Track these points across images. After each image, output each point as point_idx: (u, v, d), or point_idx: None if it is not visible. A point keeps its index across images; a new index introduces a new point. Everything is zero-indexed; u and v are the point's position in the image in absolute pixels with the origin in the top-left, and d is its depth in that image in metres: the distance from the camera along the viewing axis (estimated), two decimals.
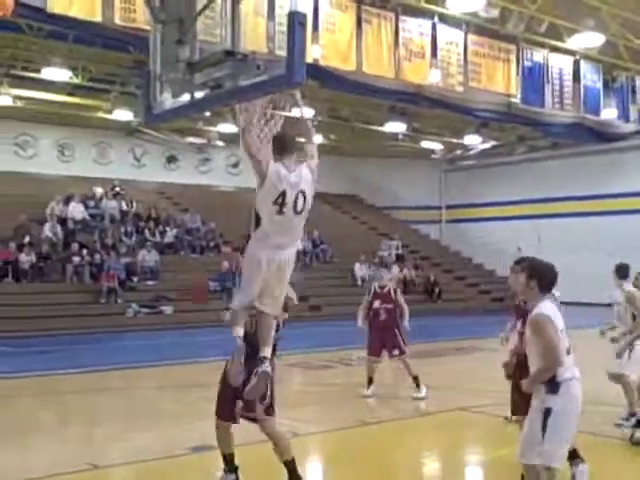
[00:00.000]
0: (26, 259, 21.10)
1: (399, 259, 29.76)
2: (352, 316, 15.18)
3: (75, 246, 22.25)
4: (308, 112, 25.56)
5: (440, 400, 10.61)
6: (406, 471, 7.50)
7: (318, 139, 30.62)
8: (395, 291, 11.30)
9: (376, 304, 10.94)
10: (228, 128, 27.86)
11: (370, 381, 10.75)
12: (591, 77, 19.59)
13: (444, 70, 18.62)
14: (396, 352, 10.76)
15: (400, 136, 30.33)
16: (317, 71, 16.78)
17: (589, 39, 19.03)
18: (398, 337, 10.86)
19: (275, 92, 7.40)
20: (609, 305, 9.33)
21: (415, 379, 10.62)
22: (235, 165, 33.57)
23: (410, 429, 9.07)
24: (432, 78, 18.65)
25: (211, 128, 29.11)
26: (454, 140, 31.63)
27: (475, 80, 19.04)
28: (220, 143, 30.71)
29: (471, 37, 19.01)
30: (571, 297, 20.80)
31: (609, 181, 30.73)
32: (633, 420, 8.30)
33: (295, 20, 7.51)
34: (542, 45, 20.01)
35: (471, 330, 22.07)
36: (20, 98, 24.31)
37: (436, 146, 33.38)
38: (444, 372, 13.84)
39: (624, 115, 20.39)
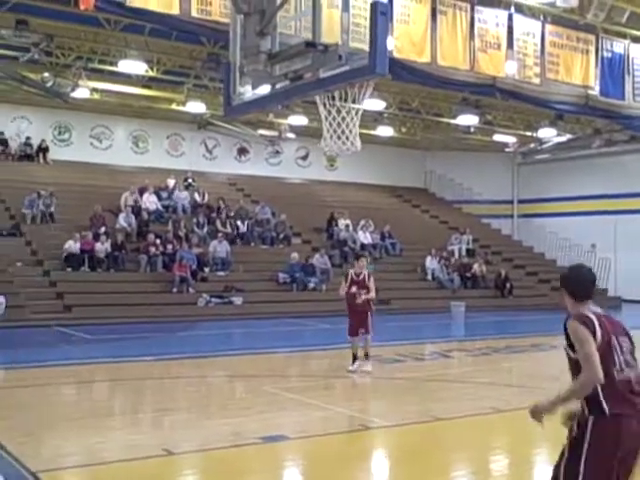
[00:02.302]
0: (102, 248, 21.53)
1: (469, 254, 29.39)
2: (422, 310, 15.03)
3: (150, 237, 22.61)
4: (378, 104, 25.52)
5: (514, 397, 10.42)
6: (476, 468, 7.36)
7: (388, 131, 30.51)
8: (369, 277, 12.24)
9: (353, 289, 12.01)
10: (299, 120, 27.92)
11: (354, 358, 11.97)
12: None
13: (520, 61, 18.25)
14: (362, 330, 11.97)
15: (472, 129, 29.91)
16: (391, 63, 16.60)
17: None
18: (369, 319, 12.03)
19: (357, 82, 7.38)
20: None
21: (366, 355, 12.06)
22: (305, 157, 33.66)
23: (483, 426, 8.90)
24: (508, 70, 18.30)
25: (282, 120, 29.22)
26: (528, 133, 31.05)
27: (552, 72, 18.61)
28: (291, 135, 30.81)
29: (549, 27, 18.56)
30: None
31: None
32: None
33: (377, 10, 7.47)
34: (623, 35, 19.45)
35: (544, 327, 21.66)
36: (97, 90, 24.83)
37: (509, 139, 32.81)
38: (519, 369, 13.63)
39: None
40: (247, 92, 8.40)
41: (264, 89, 8.48)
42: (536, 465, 7.57)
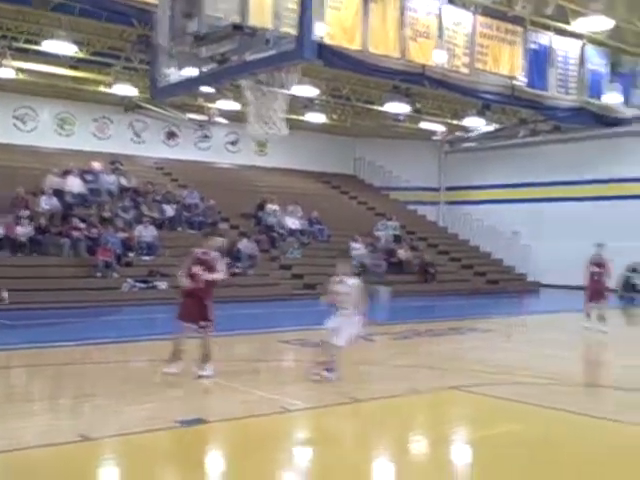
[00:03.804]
0: (23, 232, 20.99)
1: (396, 240, 29.73)
2: None
3: (73, 220, 22.14)
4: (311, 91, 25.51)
5: (433, 379, 10.64)
6: (394, 448, 7.50)
7: (319, 118, 30.53)
8: (218, 260, 10.62)
9: (195, 269, 10.26)
10: (229, 105, 27.69)
11: (176, 355, 10.10)
12: (597, 61, 19.46)
13: (450, 51, 18.48)
14: (200, 322, 10.23)
15: (401, 117, 30.17)
16: (322, 49, 16.63)
17: (596, 23, 18.84)
18: (209, 307, 10.40)
19: (284, 66, 7.35)
20: None
21: (205, 357, 10.22)
22: (234, 142, 33.44)
23: (401, 407, 9.07)
24: (437, 59, 18.51)
25: (211, 105, 28.93)
26: (455, 122, 31.51)
27: (481, 62, 18.91)
28: (220, 120, 30.54)
29: (479, 18, 18.84)
30: (569, 281, 20.97)
31: (610, 166, 30.68)
32: None
33: None
34: (548, 28, 19.85)
35: (466, 311, 22.18)
36: (22, 70, 24.09)
37: (437, 127, 33.23)
38: (438, 351, 13.88)
39: (628, 100, 20.29)
40: (174, 74, 8.32)
41: (191, 71, 8.40)
42: (453, 444, 7.72)
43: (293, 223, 27.70)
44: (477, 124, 31.36)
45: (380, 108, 28.52)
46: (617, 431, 8.01)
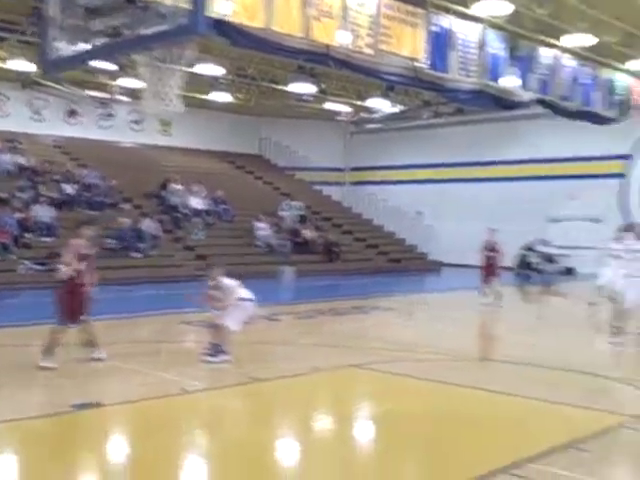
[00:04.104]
0: None
1: (301, 220, 29.82)
2: (252, 275, 15.06)
3: None
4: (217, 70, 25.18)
5: (335, 357, 10.74)
6: (293, 425, 7.54)
7: (225, 97, 30.19)
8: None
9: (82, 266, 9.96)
10: (131, 83, 27.06)
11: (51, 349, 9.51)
12: (496, 45, 19.81)
13: (354, 32, 18.46)
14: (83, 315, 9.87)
15: (306, 97, 30.13)
16: (225, 28, 16.36)
17: (495, 7, 19.19)
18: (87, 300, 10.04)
19: (179, 41, 7.18)
20: None
21: (90, 343, 9.87)
22: (138, 121, 32.74)
23: (301, 385, 9.13)
24: (341, 39, 18.47)
25: (113, 82, 28.20)
26: (360, 103, 31.70)
27: (384, 43, 18.94)
28: (123, 98, 29.82)
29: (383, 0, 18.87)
30: (469, 261, 21.50)
31: (508, 148, 31.60)
32: None
33: None
34: (448, 11, 20.09)
35: (369, 290, 22.47)
36: None
37: (342, 108, 33.37)
38: (341, 330, 14.02)
39: (525, 84, 20.78)
40: (65, 47, 8.03)
41: (83, 45, 8.13)
42: (351, 421, 7.81)
43: (197, 203, 27.39)
44: (381, 105, 31.62)
45: (285, 88, 28.41)
46: (507, 403, 8.27)
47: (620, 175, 29.31)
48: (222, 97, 30.14)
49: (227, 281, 10.42)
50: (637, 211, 28.49)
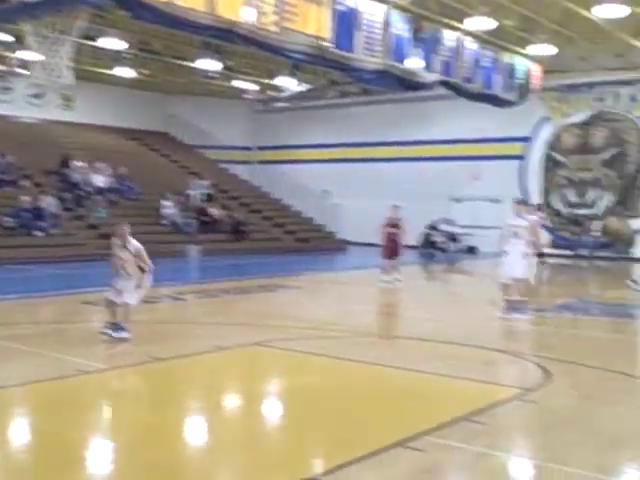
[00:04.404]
0: None
1: (208, 198, 29.57)
2: (158, 254, 14.95)
3: None
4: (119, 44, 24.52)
5: (239, 335, 10.73)
6: (193, 404, 7.52)
7: (129, 73, 29.50)
8: None
9: None
10: (29, 55, 26.09)
11: None
12: (400, 26, 20.01)
13: (259, 8, 18.32)
14: None
15: (212, 74, 29.74)
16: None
17: None
18: None
19: (66, 9, 6.94)
20: None
21: None
22: (38, 96, 31.65)
23: (202, 364, 9.10)
24: (246, 16, 18.30)
25: (11, 54, 27.13)
26: (267, 81, 31.53)
27: (289, 21, 18.88)
28: (21, 71, 28.72)
29: None
30: (375, 239, 21.78)
31: (412, 129, 32.07)
32: None
33: None
34: None
35: (276, 269, 22.50)
36: None
37: (250, 86, 33.12)
38: (247, 309, 14.02)
39: (428, 65, 21.10)
40: None
41: None
42: (256, 398, 7.82)
43: (100, 181, 26.77)
44: (288, 84, 31.56)
45: (192, 64, 27.99)
46: (408, 378, 8.44)
47: (520, 157, 30.19)
48: (126, 72, 29.43)
49: (136, 243, 10.26)
50: (535, 192, 29.47)
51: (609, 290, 19.08)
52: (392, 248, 18.05)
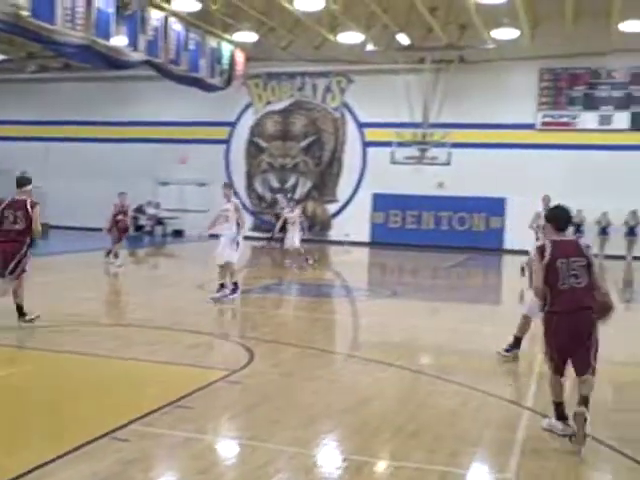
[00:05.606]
0: None
1: None
2: None
3: None
4: None
5: None
6: None
7: None
8: None
9: None
10: None
11: None
12: (103, 2, 19.35)
13: None
14: None
15: None
16: None
17: None
18: None
19: None
20: None
21: None
22: None
23: None
24: None
25: None
26: None
27: None
28: None
29: None
30: (86, 223, 20.98)
31: (121, 109, 31.29)
32: None
33: None
34: None
35: None
36: None
37: None
38: None
39: (134, 44, 20.64)
40: None
41: None
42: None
43: None
44: None
45: None
46: (115, 366, 8.21)
47: (225, 141, 30.73)
48: None
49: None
50: (238, 176, 30.20)
51: (308, 271, 20.09)
52: (121, 232, 18.31)
